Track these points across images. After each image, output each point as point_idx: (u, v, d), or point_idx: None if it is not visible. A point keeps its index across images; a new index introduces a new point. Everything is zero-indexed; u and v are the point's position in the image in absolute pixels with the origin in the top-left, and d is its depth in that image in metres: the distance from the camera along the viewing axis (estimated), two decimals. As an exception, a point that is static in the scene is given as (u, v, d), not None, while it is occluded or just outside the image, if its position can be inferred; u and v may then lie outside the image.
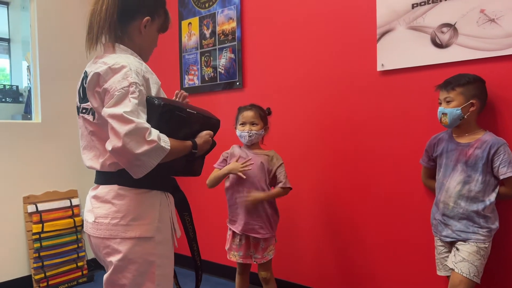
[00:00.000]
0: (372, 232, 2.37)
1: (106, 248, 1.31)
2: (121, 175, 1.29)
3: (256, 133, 2.21)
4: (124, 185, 1.31)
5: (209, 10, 3.12)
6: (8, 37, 4.38)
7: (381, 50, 2.26)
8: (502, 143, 1.80)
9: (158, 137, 1.20)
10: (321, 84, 2.54)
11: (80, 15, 3.32)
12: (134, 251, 1.29)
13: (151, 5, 1.39)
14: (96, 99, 1.28)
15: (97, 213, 1.33)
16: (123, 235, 1.29)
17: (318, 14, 2.53)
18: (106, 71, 1.25)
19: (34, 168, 3.07)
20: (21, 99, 3.97)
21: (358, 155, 2.40)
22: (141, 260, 1.30)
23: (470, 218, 1.81)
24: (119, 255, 1.29)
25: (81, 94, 1.38)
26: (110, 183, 1.33)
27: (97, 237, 1.33)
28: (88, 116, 1.33)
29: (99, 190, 1.35)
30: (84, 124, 1.37)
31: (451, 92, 1.84)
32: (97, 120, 1.30)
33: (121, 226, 1.29)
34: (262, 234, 2.21)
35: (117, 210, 1.30)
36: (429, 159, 2.05)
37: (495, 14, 1.91)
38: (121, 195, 1.31)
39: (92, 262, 3.32)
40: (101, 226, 1.31)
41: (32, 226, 2.97)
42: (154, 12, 1.40)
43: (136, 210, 1.31)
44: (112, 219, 1.30)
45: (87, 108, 1.34)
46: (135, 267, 1.30)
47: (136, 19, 1.37)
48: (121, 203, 1.31)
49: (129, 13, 1.35)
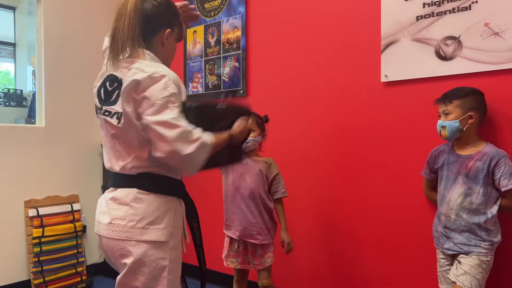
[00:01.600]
0: (372, 243, 2.36)
1: (121, 250, 1.34)
2: (140, 179, 1.35)
3: (252, 140, 2.21)
4: (143, 189, 1.35)
5: (215, 19, 3.14)
6: (14, 42, 4.41)
7: (385, 61, 2.27)
8: (503, 155, 1.80)
9: (201, 135, 1.29)
10: (324, 94, 2.55)
11: (85, 21, 3.37)
12: (148, 254, 1.33)
13: (169, 17, 1.46)
14: (130, 104, 1.31)
15: (114, 214, 1.35)
16: (139, 237, 1.32)
17: (323, 25, 2.55)
18: (146, 79, 1.29)
19: (36, 172, 3.08)
20: (25, 103, 3.99)
21: (360, 166, 2.40)
22: (155, 264, 1.34)
23: (472, 230, 1.80)
24: (134, 258, 1.32)
25: (102, 96, 1.40)
26: (129, 186, 1.36)
27: (112, 238, 1.35)
28: (112, 120, 1.35)
29: (118, 193, 1.38)
30: (106, 126, 1.40)
31: (449, 105, 1.85)
32: (123, 125, 1.33)
33: (138, 229, 1.33)
34: (259, 240, 2.21)
35: (135, 213, 1.34)
36: (431, 171, 2.05)
37: (499, 28, 1.92)
38: (139, 198, 1.35)
39: (92, 268, 3.32)
40: (117, 227, 1.34)
41: (32, 230, 2.96)
42: (172, 24, 1.47)
43: (153, 214, 1.35)
44: (129, 221, 1.33)
45: (110, 111, 1.36)
46: (148, 271, 1.33)
47: (158, 32, 1.44)
48: (139, 206, 1.34)
49: (152, 27, 1.42)
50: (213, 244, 2.96)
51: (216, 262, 2.87)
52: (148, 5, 1.40)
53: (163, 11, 1.43)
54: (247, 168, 2.24)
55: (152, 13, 1.40)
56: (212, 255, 2.95)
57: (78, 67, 3.30)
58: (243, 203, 2.21)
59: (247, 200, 2.21)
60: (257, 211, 2.21)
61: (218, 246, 2.70)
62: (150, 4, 1.40)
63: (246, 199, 2.21)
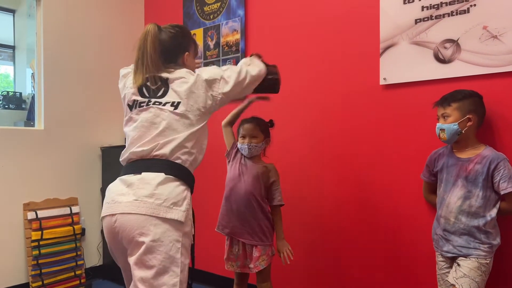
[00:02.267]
0: (371, 247, 2.36)
1: (141, 228, 1.43)
2: (167, 165, 1.53)
3: (256, 145, 2.21)
4: (170, 174, 1.52)
5: (214, 22, 3.15)
6: (13, 44, 4.42)
7: (383, 64, 2.28)
8: (502, 158, 1.80)
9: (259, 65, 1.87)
10: (323, 97, 2.55)
11: (85, 24, 3.38)
12: (167, 235, 1.44)
13: (185, 43, 1.73)
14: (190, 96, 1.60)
15: (141, 193, 1.47)
16: (164, 215, 1.45)
17: (322, 28, 2.56)
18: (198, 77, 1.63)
19: (35, 175, 3.07)
20: (24, 106, 3.99)
21: (359, 168, 2.40)
22: (171, 244, 1.45)
23: (471, 233, 1.80)
24: (153, 236, 1.43)
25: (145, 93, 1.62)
26: (157, 171, 1.51)
27: (136, 213, 1.44)
28: (166, 107, 1.58)
29: (145, 176, 1.51)
30: (154, 114, 1.58)
31: (447, 108, 1.86)
32: (179, 110, 1.57)
33: (164, 207, 1.46)
34: (249, 240, 2.19)
35: (161, 193, 1.47)
36: (430, 174, 2.05)
37: (498, 31, 1.93)
38: (165, 182, 1.50)
39: (90, 271, 3.31)
40: (144, 204, 1.45)
41: (31, 233, 2.96)
42: (189, 47, 1.74)
43: (177, 197, 1.50)
44: (156, 199, 1.46)
45: (161, 102, 1.59)
46: (165, 250, 1.43)
47: (178, 58, 1.71)
48: (165, 188, 1.49)
49: (172, 55, 1.68)
50: (212, 247, 2.96)
51: (216, 265, 2.88)
52: (165, 36, 1.65)
53: (179, 40, 1.70)
54: (245, 169, 2.23)
55: (171, 44, 1.66)
56: (211, 258, 2.96)
57: (77, 70, 3.30)
58: (236, 202, 2.21)
59: (240, 200, 2.20)
60: (250, 212, 2.19)
61: (217, 249, 2.69)
62: (166, 36, 1.66)
63: (240, 199, 2.20)
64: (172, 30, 1.68)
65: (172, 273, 1.44)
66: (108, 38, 3.51)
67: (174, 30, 1.68)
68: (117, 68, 3.47)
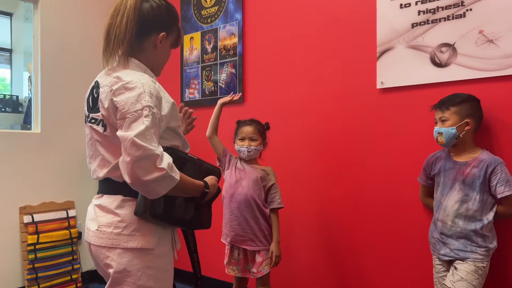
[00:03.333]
0: (369, 249, 2.36)
1: (106, 259, 1.31)
2: (126, 185, 1.27)
3: (255, 148, 2.21)
4: (128, 196, 1.32)
5: (211, 25, 3.15)
6: (10, 48, 4.41)
7: (381, 68, 2.28)
8: (499, 162, 1.81)
9: (168, 165, 1.20)
10: (320, 101, 2.55)
11: (82, 28, 3.38)
12: (132, 263, 1.29)
13: (166, 21, 1.42)
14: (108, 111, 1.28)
15: (101, 221, 1.32)
16: (125, 245, 1.28)
17: (319, 32, 2.56)
18: (119, 87, 1.25)
19: (31, 178, 3.06)
20: (21, 109, 3.97)
21: (356, 172, 2.41)
22: (140, 273, 1.29)
23: (468, 237, 1.80)
24: (118, 267, 1.28)
25: (90, 104, 1.38)
26: (115, 193, 1.33)
27: (99, 245, 1.32)
28: (98, 127, 1.33)
29: (103, 200, 1.35)
30: (91, 134, 1.37)
31: (445, 111, 1.86)
32: (108, 132, 1.30)
33: (124, 236, 1.29)
34: (251, 246, 2.19)
35: (121, 220, 1.30)
36: (427, 177, 2.06)
37: (493, 35, 1.94)
38: (124, 205, 1.31)
39: (87, 275, 3.29)
40: (103, 234, 1.30)
41: (27, 237, 2.94)
42: (169, 28, 1.43)
43: (140, 221, 1.30)
44: (115, 228, 1.30)
45: (96, 119, 1.34)
46: (132, 280, 1.29)
47: (152, 34, 1.39)
48: (125, 213, 1.30)
49: (147, 28, 1.37)
50: (211, 251, 2.95)
51: (215, 269, 2.87)
52: (146, 5, 1.36)
53: (161, 14, 1.39)
54: (244, 174, 2.23)
55: (149, 14, 1.36)
56: (210, 263, 2.95)
57: (74, 73, 3.30)
58: (237, 208, 2.20)
59: (241, 206, 2.19)
60: (252, 217, 2.19)
61: (216, 253, 2.69)
62: (148, 5, 1.37)
63: (241, 205, 2.19)
64: (157, 1, 1.40)
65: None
66: (106, 42, 3.50)
67: (160, 3, 1.40)
68: (115, 71, 3.51)
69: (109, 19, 1.35)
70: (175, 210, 1.32)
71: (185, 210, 1.35)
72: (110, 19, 1.35)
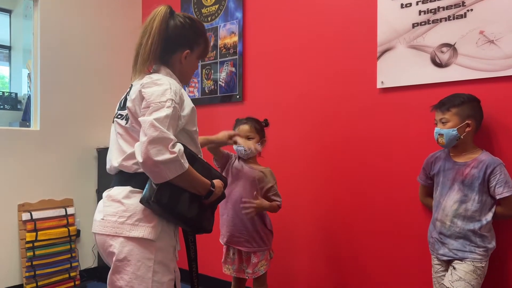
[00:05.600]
0: (369, 249, 2.37)
1: (109, 247, 1.36)
2: (135, 177, 1.38)
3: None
4: (136, 187, 1.38)
5: (212, 24, 3.15)
6: (9, 45, 4.40)
7: (381, 67, 2.29)
8: (499, 163, 1.81)
9: (180, 151, 1.28)
10: (321, 100, 2.55)
11: (82, 25, 3.37)
12: (133, 253, 1.33)
13: (190, 38, 1.52)
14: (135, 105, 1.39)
15: (107, 211, 1.39)
16: (128, 233, 1.34)
17: (320, 31, 2.56)
18: (149, 82, 1.38)
19: (30, 176, 3.05)
20: (20, 106, 3.97)
21: (356, 171, 2.41)
22: (139, 264, 1.34)
23: (467, 237, 1.81)
24: (119, 255, 1.34)
25: (121, 104, 1.51)
26: (124, 185, 1.41)
27: (103, 234, 1.38)
28: (121, 121, 1.45)
29: (113, 191, 1.43)
30: (115, 128, 1.48)
31: (446, 113, 1.86)
32: (129, 124, 1.42)
33: (127, 225, 1.35)
34: (247, 247, 2.17)
35: (125, 210, 1.36)
36: (427, 177, 2.06)
37: (494, 36, 1.94)
38: (131, 195, 1.38)
39: (85, 273, 3.29)
40: (108, 223, 1.37)
41: (26, 234, 2.94)
42: (193, 44, 1.53)
43: (144, 212, 1.36)
44: (119, 218, 1.36)
45: (122, 114, 1.46)
46: (132, 270, 1.34)
47: (177, 52, 1.50)
48: (130, 203, 1.37)
49: (171, 47, 1.49)
50: (210, 249, 2.95)
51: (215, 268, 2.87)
52: (172, 23, 1.47)
53: (183, 33, 1.49)
54: (241, 174, 2.20)
55: (173, 33, 1.47)
56: (210, 261, 2.94)
57: (74, 71, 3.29)
58: (232, 209, 2.17)
59: (237, 206, 2.15)
60: (247, 219, 2.15)
61: (215, 251, 2.69)
62: (173, 23, 1.48)
63: (236, 205, 2.15)
64: (182, 19, 1.49)
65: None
66: (105, 39, 3.50)
67: (184, 20, 1.49)
68: (114, 68, 3.51)
69: (139, 38, 1.47)
70: (180, 204, 1.36)
71: (189, 207, 1.39)
72: (139, 39, 1.47)
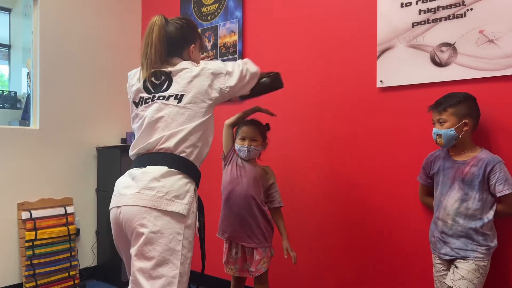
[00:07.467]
0: (368, 248, 2.37)
1: (142, 219, 1.45)
2: (170, 159, 1.54)
3: (255, 148, 2.21)
4: (173, 168, 1.53)
5: (211, 23, 3.15)
6: (8, 43, 4.40)
7: (380, 67, 2.29)
8: (498, 161, 1.81)
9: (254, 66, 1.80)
10: (320, 99, 2.56)
11: (81, 24, 3.37)
12: (167, 226, 1.46)
13: (191, 35, 1.75)
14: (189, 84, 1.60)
15: (144, 185, 1.50)
16: (165, 207, 1.47)
17: (319, 30, 2.57)
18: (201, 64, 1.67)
19: (29, 175, 3.05)
20: (19, 105, 3.97)
21: (355, 170, 2.41)
22: (172, 237, 1.45)
23: (469, 235, 1.81)
24: (153, 228, 1.44)
25: (151, 88, 1.63)
26: (160, 165, 1.53)
27: (138, 206, 1.47)
28: (169, 101, 1.59)
29: (148, 169, 1.53)
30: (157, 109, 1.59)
31: (443, 113, 1.86)
32: (182, 104, 1.58)
33: (165, 200, 1.47)
34: (249, 243, 2.19)
35: (163, 186, 1.49)
36: (427, 176, 2.06)
37: (494, 35, 1.94)
38: (169, 175, 1.52)
39: (85, 272, 3.29)
40: (146, 196, 1.47)
41: (25, 233, 2.94)
42: (195, 39, 1.76)
43: (179, 190, 1.52)
44: (158, 192, 1.48)
45: (165, 96, 1.60)
46: (164, 242, 1.44)
47: (185, 49, 1.73)
48: (168, 181, 1.51)
49: (178, 46, 1.70)
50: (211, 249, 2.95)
51: (214, 267, 2.87)
52: (171, 28, 1.67)
53: (185, 31, 1.71)
54: (244, 171, 2.23)
55: (177, 35, 1.68)
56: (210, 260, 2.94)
57: (73, 69, 3.29)
58: (235, 205, 2.20)
59: (240, 203, 2.19)
60: (250, 215, 2.19)
61: (215, 251, 2.69)
62: (173, 28, 1.67)
63: (240, 202, 2.19)
64: (178, 21, 1.70)
65: (172, 265, 1.45)
66: (105, 38, 3.50)
67: (181, 22, 1.70)
68: (114, 67, 3.52)
69: (143, 49, 1.63)
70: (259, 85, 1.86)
71: None
72: (143, 49, 1.63)
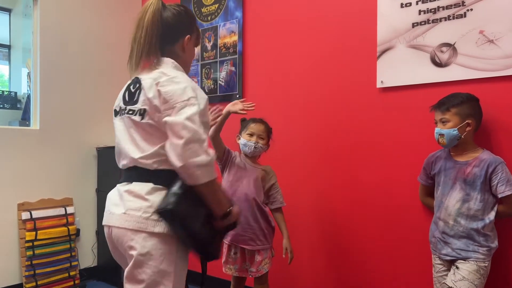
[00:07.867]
0: (369, 249, 2.37)
1: (130, 241, 1.37)
2: (156, 174, 1.39)
3: (261, 146, 2.22)
4: (158, 184, 1.39)
5: (212, 23, 3.15)
6: (8, 44, 4.40)
7: (381, 67, 2.29)
8: (500, 162, 1.81)
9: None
10: (320, 100, 2.56)
11: (82, 24, 3.37)
12: (156, 248, 1.35)
13: (188, 23, 1.56)
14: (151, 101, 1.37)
15: (129, 205, 1.39)
16: (152, 229, 1.35)
17: (320, 31, 2.56)
18: (166, 80, 1.37)
19: (30, 175, 3.05)
20: (19, 105, 3.97)
21: (356, 171, 2.41)
22: (162, 258, 1.36)
23: (470, 236, 1.81)
24: (142, 250, 1.35)
25: (126, 98, 1.48)
26: (145, 181, 1.41)
27: (125, 228, 1.38)
28: (135, 117, 1.41)
29: (133, 186, 1.42)
30: (127, 124, 1.45)
31: (446, 113, 1.86)
32: (145, 120, 1.39)
33: (152, 221, 1.35)
34: (251, 246, 2.19)
35: (150, 206, 1.37)
36: (427, 176, 2.06)
37: (494, 36, 1.94)
38: (155, 192, 1.39)
39: (85, 272, 3.29)
40: (131, 218, 1.37)
41: (25, 233, 2.93)
42: (191, 30, 1.56)
43: None
44: (144, 213, 1.36)
45: (134, 110, 1.43)
46: (154, 264, 1.35)
47: (180, 39, 1.53)
48: (155, 199, 1.37)
49: (173, 36, 1.51)
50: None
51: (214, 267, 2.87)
52: (168, 13, 1.49)
53: (182, 19, 1.53)
54: (245, 172, 2.22)
55: (173, 22, 1.50)
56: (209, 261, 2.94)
57: (74, 69, 3.29)
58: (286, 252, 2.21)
59: (241, 204, 2.14)
60: (252, 216, 2.18)
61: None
62: (170, 13, 1.50)
63: (241, 204, 2.14)
64: (176, 8, 1.53)
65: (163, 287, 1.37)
66: (104, 38, 3.50)
67: (179, 9, 1.53)
68: (113, 68, 3.51)
69: (133, 33, 1.47)
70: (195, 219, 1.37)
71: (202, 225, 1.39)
72: (133, 33, 1.47)
